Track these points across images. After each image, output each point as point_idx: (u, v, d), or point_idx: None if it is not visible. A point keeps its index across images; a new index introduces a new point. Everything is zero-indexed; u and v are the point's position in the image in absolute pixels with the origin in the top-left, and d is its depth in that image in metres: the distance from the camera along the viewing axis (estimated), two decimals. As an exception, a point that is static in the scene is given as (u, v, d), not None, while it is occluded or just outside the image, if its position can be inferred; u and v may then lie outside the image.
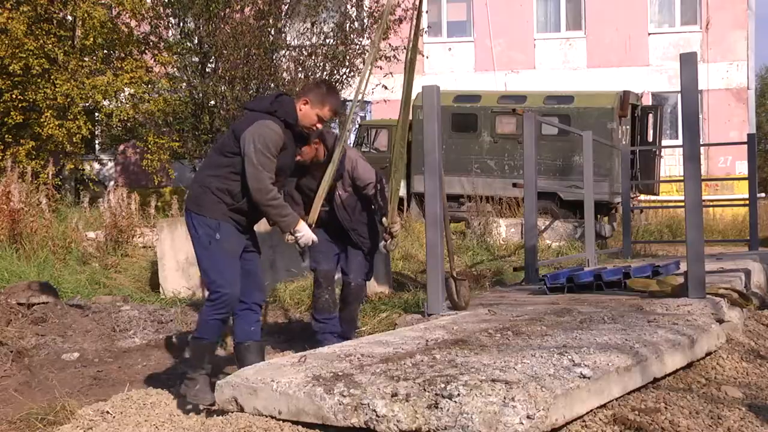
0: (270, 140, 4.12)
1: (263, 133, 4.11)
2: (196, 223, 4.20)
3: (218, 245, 4.14)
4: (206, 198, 4.18)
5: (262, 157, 4.08)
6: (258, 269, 4.46)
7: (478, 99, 15.40)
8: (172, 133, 16.96)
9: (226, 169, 4.18)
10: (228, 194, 4.17)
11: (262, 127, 4.12)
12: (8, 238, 9.36)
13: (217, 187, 4.16)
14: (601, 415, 3.38)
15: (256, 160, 4.07)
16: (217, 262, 4.16)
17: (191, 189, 4.35)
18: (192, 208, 4.23)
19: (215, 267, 4.16)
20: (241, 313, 4.39)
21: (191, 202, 4.26)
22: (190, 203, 4.27)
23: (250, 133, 4.11)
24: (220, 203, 4.16)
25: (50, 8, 16.30)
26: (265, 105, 4.24)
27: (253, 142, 4.08)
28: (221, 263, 4.16)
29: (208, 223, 4.15)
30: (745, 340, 5.04)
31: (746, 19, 21.56)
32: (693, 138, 5.38)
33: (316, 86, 4.43)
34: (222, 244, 4.14)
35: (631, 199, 11.45)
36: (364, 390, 3.21)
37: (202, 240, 4.17)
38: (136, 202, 10.80)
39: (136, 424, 3.94)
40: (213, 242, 4.14)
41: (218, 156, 4.27)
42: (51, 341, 6.44)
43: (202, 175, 4.31)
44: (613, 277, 6.21)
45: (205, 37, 16.14)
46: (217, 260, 4.16)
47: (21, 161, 14.55)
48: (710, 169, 20.52)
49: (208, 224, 4.15)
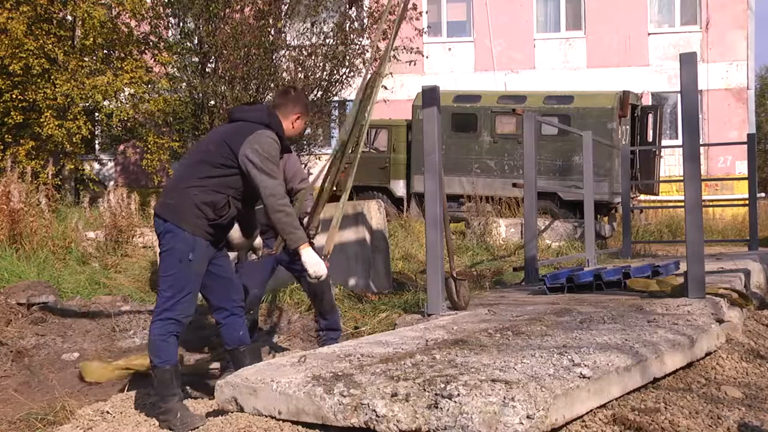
0: (274, 149, 4.04)
1: (267, 142, 4.02)
2: (170, 235, 4.02)
3: (189, 265, 4.00)
4: (188, 211, 4.00)
5: (270, 164, 3.99)
6: (231, 272, 4.34)
7: (478, 99, 15.40)
8: (172, 133, 16.96)
9: (214, 180, 4.02)
10: (212, 208, 4.01)
11: (264, 136, 4.02)
12: (8, 238, 9.36)
13: (202, 200, 3.99)
14: (601, 415, 3.39)
15: (266, 167, 3.97)
16: (181, 280, 4.00)
17: (169, 197, 4.11)
18: (169, 218, 4.03)
19: (177, 285, 4.00)
20: (226, 320, 4.30)
21: (169, 211, 4.04)
22: (166, 212, 4.05)
23: (253, 142, 3.99)
24: (201, 218, 4.00)
25: (50, 8, 16.28)
26: (262, 117, 4.12)
27: (257, 151, 3.97)
28: (185, 283, 4.01)
29: (185, 237, 3.98)
30: (744, 340, 5.04)
31: (746, 19, 21.55)
32: (693, 138, 5.39)
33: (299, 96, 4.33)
34: (193, 264, 4.01)
35: (631, 199, 11.45)
36: (364, 390, 3.22)
37: (174, 254, 4.00)
38: (136, 202, 10.79)
39: (136, 424, 3.94)
40: (184, 261, 3.99)
41: (206, 166, 4.05)
42: (51, 341, 6.45)
43: (183, 185, 4.07)
44: (613, 277, 6.22)
45: (205, 37, 16.13)
46: (183, 280, 4.00)
47: (21, 161, 14.54)
48: (710, 169, 20.51)
49: (184, 239, 3.98)
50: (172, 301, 3.99)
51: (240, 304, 4.36)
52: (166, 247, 4.04)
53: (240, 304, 4.36)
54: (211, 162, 4.05)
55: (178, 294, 4.00)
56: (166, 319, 4.00)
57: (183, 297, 4.00)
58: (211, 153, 4.09)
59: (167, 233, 4.03)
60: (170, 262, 4.02)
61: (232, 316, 4.31)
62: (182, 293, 4.00)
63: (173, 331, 4.01)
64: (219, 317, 4.33)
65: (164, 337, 4.00)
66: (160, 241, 4.10)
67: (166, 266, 4.06)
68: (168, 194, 4.15)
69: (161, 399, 3.99)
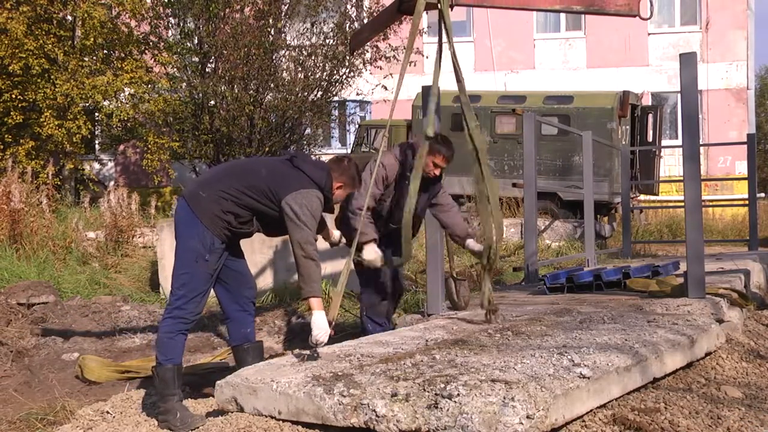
0: (316, 211, 4.12)
1: (314, 203, 4.10)
2: (189, 228, 4.09)
3: (204, 266, 4.07)
4: (213, 211, 4.08)
5: (310, 219, 4.06)
6: (245, 267, 4.41)
7: (478, 99, 15.38)
8: (172, 133, 16.97)
9: (248, 199, 4.12)
10: (235, 217, 4.12)
11: (312, 196, 4.10)
12: (8, 238, 9.37)
13: (229, 209, 4.10)
14: (601, 415, 3.38)
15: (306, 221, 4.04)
16: (194, 280, 4.07)
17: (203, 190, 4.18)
18: (194, 208, 4.10)
19: (190, 284, 4.07)
20: (235, 315, 4.35)
21: (197, 202, 4.11)
22: (193, 202, 4.12)
23: (300, 198, 4.06)
24: (222, 221, 4.10)
25: (50, 8, 16.29)
26: (321, 177, 4.18)
27: (303, 204, 4.05)
28: (198, 284, 4.08)
29: (204, 235, 4.06)
30: (744, 340, 5.04)
31: (746, 19, 21.55)
32: (693, 138, 5.39)
33: (347, 168, 4.35)
34: (209, 265, 4.09)
35: (630, 199, 11.45)
36: (363, 390, 3.22)
37: (191, 253, 4.07)
38: (136, 202, 10.80)
39: (136, 424, 3.95)
40: (201, 262, 4.06)
41: (248, 183, 4.14)
42: (51, 341, 6.44)
43: (219, 186, 4.15)
44: (613, 277, 6.21)
45: (205, 37, 16.14)
46: (196, 280, 4.07)
47: (21, 161, 14.55)
48: (710, 169, 20.51)
49: (203, 237, 4.06)
50: (183, 300, 4.06)
51: (251, 299, 4.41)
52: (183, 242, 4.10)
53: (251, 299, 4.41)
54: (254, 184, 4.14)
55: (190, 293, 4.06)
56: (176, 318, 4.06)
57: (194, 297, 4.07)
58: (259, 176, 4.17)
59: (186, 223, 4.11)
60: (186, 261, 4.09)
61: (242, 312, 4.36)
62: (194, 293, 4.07)
63: (181, 330, 4.08)
64: (228, 312, 4.37)
65: (172, 335, 4.06)
66: (177, 228, 4.16)
67: (181, 264, 4.12)
68: (203, 187, 4.22)
69: (161, 398, 4.01)
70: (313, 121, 17.12)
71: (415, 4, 4.70)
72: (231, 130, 15.77)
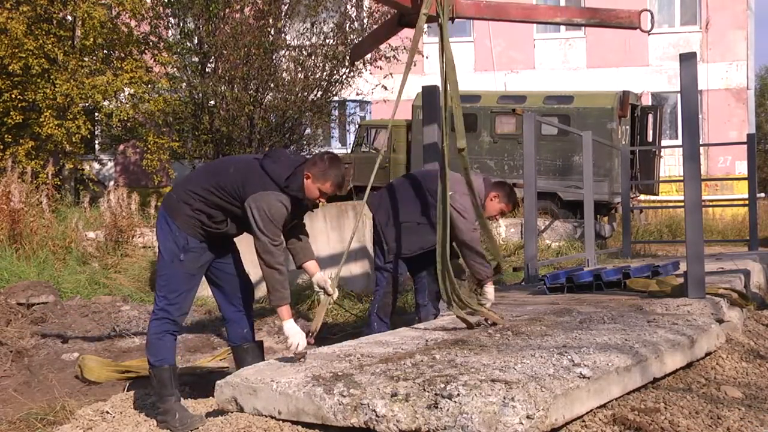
0: (278, 214, 3.99)
1: (275, 207, 3.97)
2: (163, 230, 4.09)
3: (180, 266, 4.06)
4: (184, 210, 4.06)
5: (271, 226, 3.96)
6: (238, 268, 4.33)
7: (478, 99, 15.40)
8: (172, 133, 16.97)
9: (217, 199, 4.05)
10: (207, 217, 4.07)
11: (270, 199, 3.96)
12: (8, 238, 9.36)
13: (199, 208, 4.05)
14: (601, 415, 3.38)
15: (266, 228, 3.94)
16: (172, 281, 4.06)
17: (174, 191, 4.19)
18: (167, 210, 4.12)
19: (169, 286, 4.07)
20: (232, 316, 4.34)
21: (168, 204, 4.14)
22: (165, 204, 4.16)
23: (260, 200, 3.95)
24: (194, 220, 4.07)
25: (50, 8, 16.28)
26: (280, 176, 4.03)
27: (263, 209, 3.94)
28: (177, 284, 4.07)
29: (177, 235, 4.05)
30: (744, 340, 5.04)
31: (746, 19, 21.55)
32: (693, 138, 5.39)
33: (319, 160, 4.12)
34: (184, 265, 4.06)
35: (630, 199, 11.45)
36: (363, 390, 3.22)
37: (166, 254, 4.07)
38: (136, 202, 10.80)
39: (136, 424, 3.95)
40: (176, 262, 4.05)
41: (213, 187, 4.07)
42: (51, 341, 6.45)
43: (189, 187, 4.13)
44: (613, 277, 6.21)
45: (205, 37, 16.14)
46: (174, 281, 4.06)
47: (21, 161, 14.55)
48: (710, 169, 20.51)
49: (175, 236, 4.05)
50: (165, 301, 4.07)
51: (249, 301, 4.39)
52: (161, 243, 4.13)
53: (249, 301, 4.39)
54: (222, 184, 4.06)
55: (170, 294, 4.07)
56: (162, 318, 4.07)
57: (176, 297, 4.07)
58: (228, 175, 4.09)
59: (160, 224, 4.13)
60: (162, 263, 4.12)
61: (238, 313, 4.34)
62: (174, 293, 4.07)
63: (169, 330, 4.08)
64: (225, 312, 4.37)
65: (160, 336, 4.06)
66: (156, 230, 4.21)
67: (160, 266, 4.17)
68: (176, 188, 4.25)
69: (159, 399, 4.02)
70: (313, 121, 17.12)
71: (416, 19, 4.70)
72: (231, 130, 15.78)
